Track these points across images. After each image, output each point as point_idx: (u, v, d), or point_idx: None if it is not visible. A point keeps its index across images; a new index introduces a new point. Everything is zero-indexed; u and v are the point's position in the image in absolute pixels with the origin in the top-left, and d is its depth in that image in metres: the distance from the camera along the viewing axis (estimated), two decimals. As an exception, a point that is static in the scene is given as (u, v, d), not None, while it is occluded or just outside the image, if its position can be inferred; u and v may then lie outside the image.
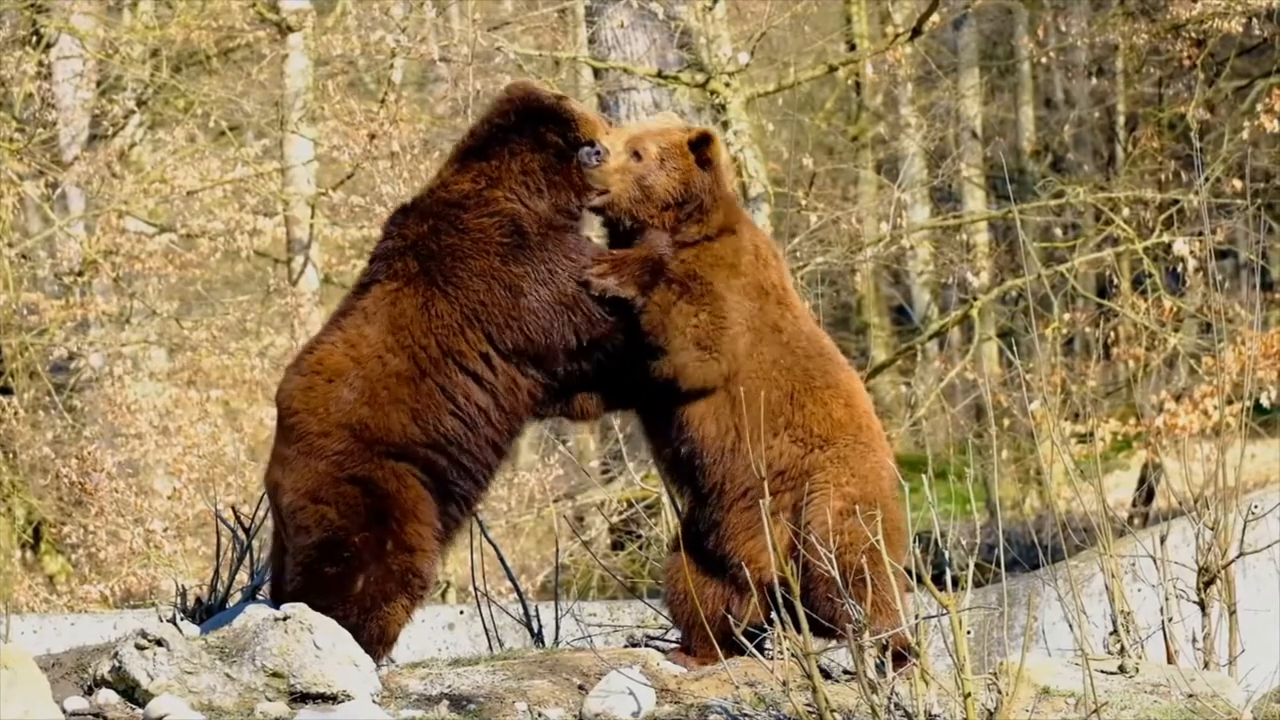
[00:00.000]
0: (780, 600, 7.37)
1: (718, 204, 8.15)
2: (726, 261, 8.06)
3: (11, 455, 22.18)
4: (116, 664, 7.43)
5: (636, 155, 8.14)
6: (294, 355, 8.22)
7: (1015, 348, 23.37)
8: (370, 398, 7.77)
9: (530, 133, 7.98)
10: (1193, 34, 22.76)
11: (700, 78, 20.47)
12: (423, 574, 7.77)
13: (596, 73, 21.25)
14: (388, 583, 7.70)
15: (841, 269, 22.76)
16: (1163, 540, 8.87)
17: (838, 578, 7.47)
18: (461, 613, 12.31)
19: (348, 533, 7.67)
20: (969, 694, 6.94)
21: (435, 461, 7.82)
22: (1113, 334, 22.77)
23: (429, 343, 7.81)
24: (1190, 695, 7.86)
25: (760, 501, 7.79)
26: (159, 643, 7.41)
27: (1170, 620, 8.64)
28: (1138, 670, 8.04)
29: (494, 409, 7.85)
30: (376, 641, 7.68)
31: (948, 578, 7.15)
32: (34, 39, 22.86)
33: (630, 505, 20.54)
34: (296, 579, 7.73)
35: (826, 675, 7.86)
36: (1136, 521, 21.74)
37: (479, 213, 7.89)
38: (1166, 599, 8.68)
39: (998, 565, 8.78)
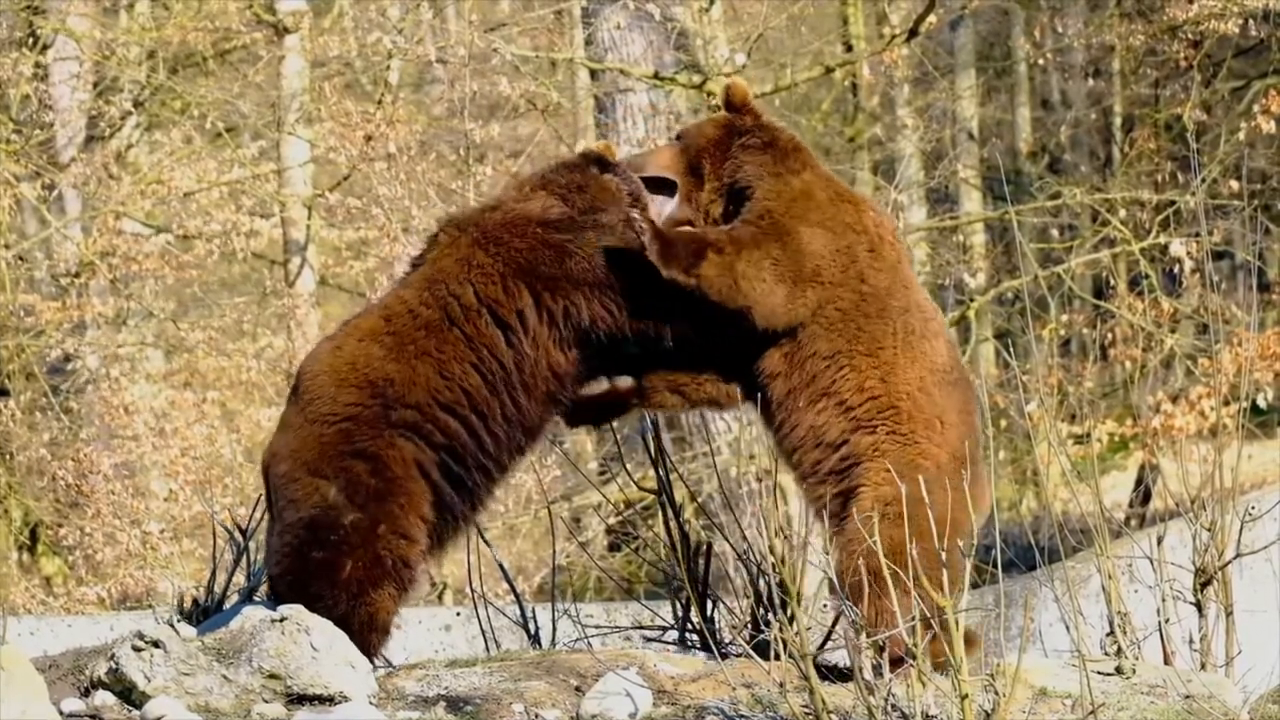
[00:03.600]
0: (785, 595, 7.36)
1: (777, 142, 8.08)
2: (796, 193, 7.96)
3: (8, 457, 22.17)
4: (113, 665, 7.43)
5: (678, 137, 8.26)
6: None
7: (1012, 349, 23.35)
8: (398, 353, 7.75)
9: (586, 169, 8.11)
10: (1189, 35, 22.78)
11: (697, 79, 20.47)
12: (411, 564, 7.70)
13: (593, 74, 21.27)
14: (375, 569, 7.64)
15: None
16: (1160, 541, 8.88)
17: (859, 583, 7.36)
18: (458, 614, 12.31)
19: (339, 514, 7.60)
20: (966, 695, 6.94)
21: (454, 431, 7.76)
22: (1110, 335, 22.78)
23: (464, 290, 7.80)
24: (1187, 696, 7.86)
25: (822, 488, 7.74)
26: (156, 644, 7.41)
27: (1167, 621, 8.64)
28: (1134, 671, 8.04)
29: (515, 374, 7.82)
30: (368, 629, 7.62)
31: (944, 578, 7.13)
32: (30, 40, 22.85)
33: (628, 506, 20.55)
34: (283, 561, 7.68)
35: (834, 676, 7.84)
36: (1133, 523, 21.75)
37: (530, 197, 7.97)
38: (1163, 600, 8.69)
39: (994, 566, 8.78)
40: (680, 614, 9.01)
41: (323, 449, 7.67)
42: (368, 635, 7.63)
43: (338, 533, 7.60)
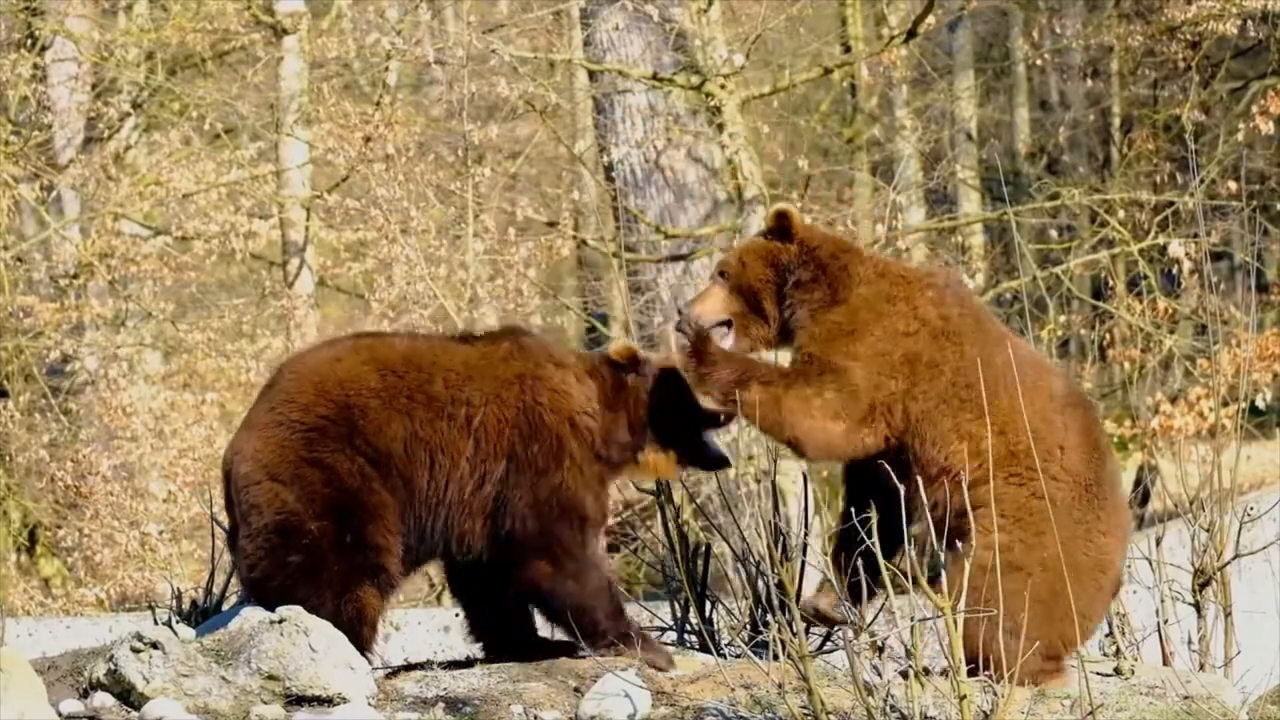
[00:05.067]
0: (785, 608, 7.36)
1: (825, 268, 8.12)
2: (843, 329, 7.99)
3: (7, 458, 22.17)
4: (112, 667, 7.42)
5: (722, 274, 8.27)
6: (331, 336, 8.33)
7: (1011, 350, 23.31)
8: (391, 398, 7.80)
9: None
10: (1188, 36, 22.79)
11: (695, 80, 20.47)
12: (388, 569, 7.74)
13: (591, 75, 21.27)
14: (352, 570, 7.66)
15: (837, 271, 22.72)
16: (1158, 542, 8.88)
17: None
18: (457, 615, 12.28)
19: (302, 519, 7.64)
20: (964, 696, 6.94)
21: (401, 499, 7.85)
22: (1108, 336, 22.78)
23: (476, 414, 7.87)
24: (1186, 697, 7.86)
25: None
26: (154, 645, 7.40)
27: (1166, 622, 8.65)
28: (1133, 672, 8.05)
29: (443, 508, 7.88)
30: (357, 624, 7.62)
31: (943, 579, 7.14)
32: (29, 42, 22.84)
33: (626, 507, 20.55)
34: (261, 564, 7.69)
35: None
36: (1132, 524, 21.73)
37: (583, 379, 8.05)
38: (1162, 601, 8.69)
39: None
40: (679, 615, 9.01)
41: (282, 452, 7.70)
42: (358, 630, 7.62)
43: (307, 537, 7.63)
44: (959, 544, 7.51)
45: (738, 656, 8.29)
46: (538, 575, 7.89)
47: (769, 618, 7.98)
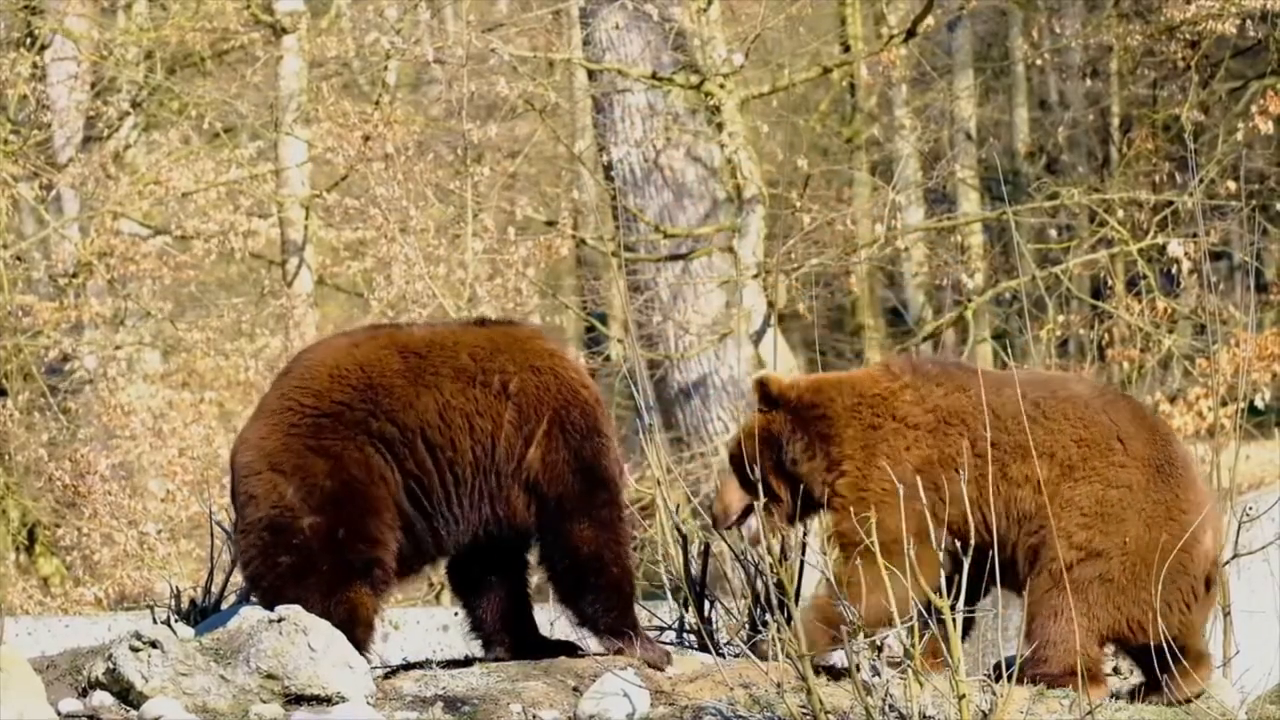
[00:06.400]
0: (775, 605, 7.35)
1: (807, 422, 8.13)
2: (848, 502, 7.95)
3: (6, 457, 22.16)
4: (111, 666, 7.42)
5: (731, 461, 8.32)
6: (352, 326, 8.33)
7: (1010, 349, 23.31)
8: (416, 376, 7.76)
9: None
10: (1187, 35, 22.79)
11: (695, 79, 20.48)
12: (384, 564, 7.70)
13: (591, 75, 21.27)
14: (343, 569, 7.64)
15: (836, 271, 22.78)
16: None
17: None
18: (456, 614, 12.28)
19: (297, 516, 7.61)
20: (963, 695, 6.94)
21: (427, 469, 7.78)
22: (1107, 336, 22.76)
23: (491, 381, 7.85)
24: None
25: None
26: (153, 645, 7.40)
27: (1165, 621, 8.63)
28: (1133, 672, 8.04)
29: (483, 478, 7.87)
30: (349, 624, 7.59)
31: (942, 580, 7.13)
32: (28, 41, 22.84)
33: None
34: (252, 563, 7.68)
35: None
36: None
37: (575, 372, 8.05)
38: (1161, 600, 8.67)
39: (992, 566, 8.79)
40: (678, 614, 9.01)
41: (287, 441, 7.65)
42: (352, 630, 7.59)
43: (298, 536, 7.59)
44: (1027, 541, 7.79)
45: (737, 656, 8.29)
46: (580, 540, 7.91)
47: (768, 617, 7.98)
